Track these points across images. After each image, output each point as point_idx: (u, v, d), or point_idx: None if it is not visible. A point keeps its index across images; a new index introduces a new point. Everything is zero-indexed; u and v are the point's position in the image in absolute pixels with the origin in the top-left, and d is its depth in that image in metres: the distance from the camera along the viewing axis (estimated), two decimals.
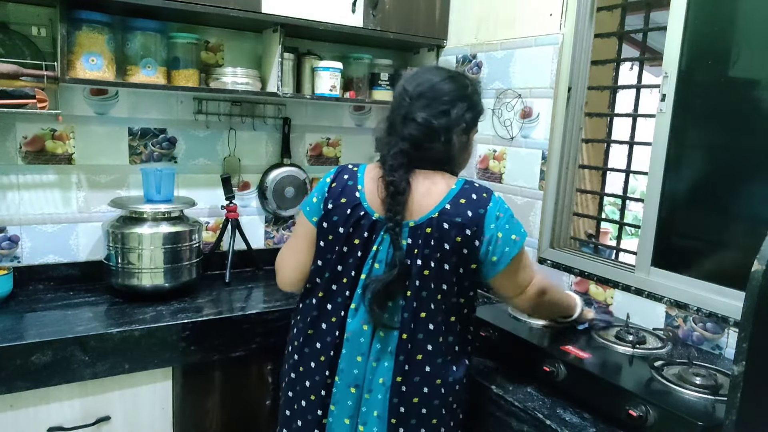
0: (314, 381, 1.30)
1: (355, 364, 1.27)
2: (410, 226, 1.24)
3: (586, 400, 1.33)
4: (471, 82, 1.36)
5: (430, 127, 1.26)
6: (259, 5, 1.93)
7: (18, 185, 1.92)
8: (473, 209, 1.24)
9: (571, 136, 1.96)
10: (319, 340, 1.31)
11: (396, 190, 1.23)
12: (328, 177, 1.35)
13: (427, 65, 1.38)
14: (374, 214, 1.27)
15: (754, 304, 0.86)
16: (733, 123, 1.58)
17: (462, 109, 1.29)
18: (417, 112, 1.27)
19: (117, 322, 1.67)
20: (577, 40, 1.91)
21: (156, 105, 2.09)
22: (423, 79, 1.31)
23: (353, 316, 1.27)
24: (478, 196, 1.27)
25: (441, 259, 1.23)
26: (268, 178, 2.31)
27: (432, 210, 1.24)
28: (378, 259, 1.26)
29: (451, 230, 1.23)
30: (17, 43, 1.81)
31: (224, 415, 1.85)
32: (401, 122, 1.29)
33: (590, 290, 1.87)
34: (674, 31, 1.65)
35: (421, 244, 1.23)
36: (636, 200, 2.12)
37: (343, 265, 1.29)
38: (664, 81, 1.67)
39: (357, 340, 1.27)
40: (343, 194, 1.30)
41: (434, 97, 1.28)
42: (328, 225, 1.30)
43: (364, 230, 1.26)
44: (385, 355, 1.26)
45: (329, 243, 1.30)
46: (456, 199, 1.25)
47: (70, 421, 1.59)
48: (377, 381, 1.26)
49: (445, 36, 2.36)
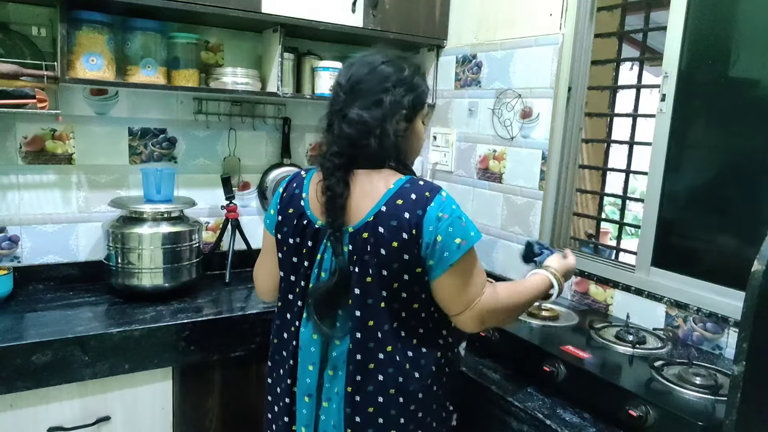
0: (281, 388, 1.29)
1: (307, 373, 1.24)
2: (350, 232, 1.17)
3: (586, 400, 1.33)
4: (410, 63, 1.25)
5: (363, 123, 1.17)
6: (259, 5, 1.93)
7: (18, 185, 1.92)
8: (411, 210, 1.14)
9: (571, 136, 1.96)
10: (284, 349, 1.29)
11: (333, 194, 1.16)
12: (281, 187, 1.31)
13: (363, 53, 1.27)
14: (317, 221, 1.21)
15: (754, 304, 0.86)
16: (733, 123, 1.58)
17: (398, 95, 1.19)
18: (351, 107, 1.18)
19: (117, 322, 1.67)
20: (577, 40, 1.91)
21: (156, 105, 2.09)
22: (356, 67, 1.22)
23: (305, 325, 1.24)
24: (419, 196, 1.15)
25: (379, 265, 1.15)
26: (268, 178, 2.31)
27: (368, 213, 1.16)
28: (323, 268, 1.21)
29: (387, 234, 1.13)
30: (17, 43, 1.81)
31: (224, 415, 1.85)
32: (337, 120, 1.20)
33: (590, 290, 1.87)
34: (674, 31, 1.65)
35: (359, 250, 1.16)
36: (636, 200, 2.12)
37: (295, 275, 1.26)
38: (664, 81, 1.67)
39: (308, 349, 1.24)
40: (291, 203, 1.26)
41: (368, 88, 1.19)
42: (281, 236, 1.27)
43: (308, 239, 1.22)
44: (340, 364, 1.21)
45: (285, 253, 1.28)
46: (393, 201, 1.15)
47: (70, 421, 1.59)
48: (333, 390, 1.22)
49: (445, 36, 2.36)
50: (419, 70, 1.27)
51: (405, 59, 1.26)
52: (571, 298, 1.93)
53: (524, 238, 2.04)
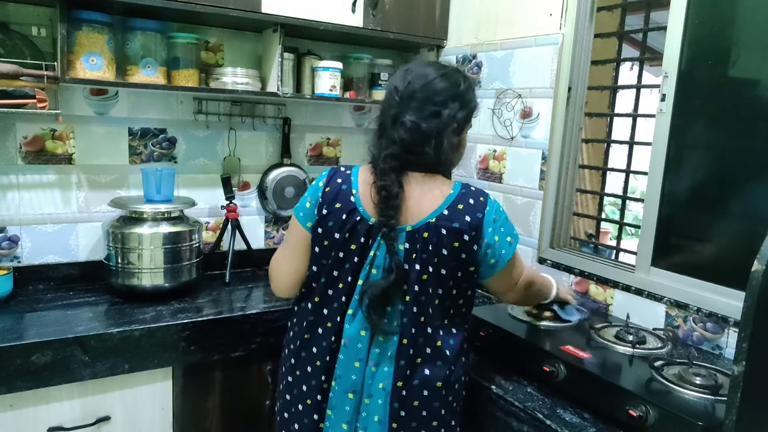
0: (310, 385, 1.29)
1: (353, 369, 1.25)
2: (407, 231, 1.22)
3: (586, 400, 1.33)
4: (465, 78, 1.31)
5: (420, 131, 1.23)
6: (259, 5, 1.93)
7: (18, 185, 1.92)
8: (471, 214, 1.23)
9: (571, 136, 1.96)
10: (315, 345, 1.29)
11: (388, 194, 1.20)
12: (320, 181, 1.32)
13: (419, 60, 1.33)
14: (370, 218, 1.24)
15: (754, 304, 0.86)
16: (732, 123, 1.58)
17: (454, 110, 1.25)
18: (406, 114, 1.24)
19: (117, 322, 1.67)
20: (577, 40, 1.91)
21: (156, 105, 2.09)
22: (414, 77, 1.27)
23: (350, 321, 1.26)
24: (475, 201, 1.25)
25: (439, 264, 1.22)
26: (268, 178, 2.31)
27: (429, 215, 1.22)
28: (375, 265, 1.24)
29: (449, 235, 1.21)
30: (17, 43, 1.81)
31: (224, 415, 1.85)
32: (391, 124, 1.26)
33: (590, 290, 1.87)
34: (674, 31, 1.65)
35: (418, 248, 1.21)
36: (636, 200, 2.12)
37: (339, 270, 1.27)
38: (664, 81, 1.67)
39: (354, 345, 1.25)
40: (338, 199, 1.27)
41: (425, 97, 1.24)
42: (323, 230, 1.28)
43: (361, 235, 1.24)
44: (385, 360, 1.24)
45: (324, 248, 1.28)
46: (454, 204, 1.24)
47: (70, 421, 1.59)
48: (377, 386, 1.24)
49: (445, 36, 2.36)
50: (472, 85, 1.33)
51: (460, 73, 1.31)
52: None
53: (525, 238, 2.04)
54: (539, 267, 2.00)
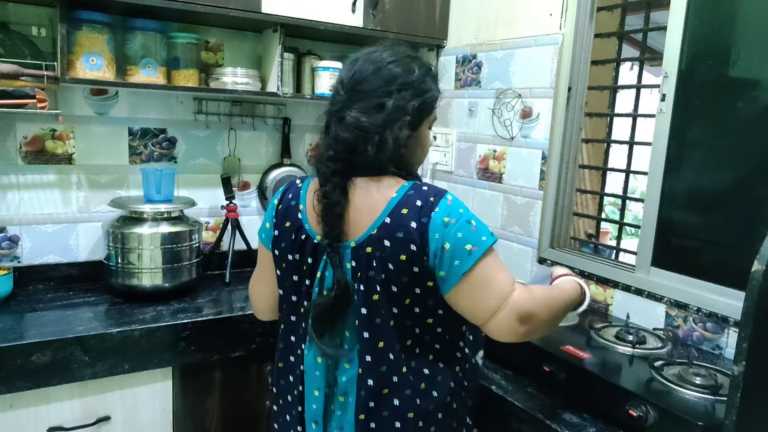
0: (291, 415, 1.21)
1: (313, 398, 1.15)
2: (352, 247, 1.07)
3: (586, 400, 1.33)
4: (421, 64, 1.15)
5: (360, 128, 1.07)
6: (259, 5, 1.93)
7: (18, 185, 1.92)
8: (416, 219, 1.04)
9: (571, 136, 1.96)
10: (290, 374, 1.20)
11: (329, 201, 1.06)
12: (276, 198, 1.21)
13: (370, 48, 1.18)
14: (315, 236, 1.12)
15: (754, 304, 0.86)
16: (732, 123, 1.58)
17: (403, 100, 1.09)
18: (349, 109, 1.09)
19: (117, 322, 1.67)
20: (577, 40, 1.90)
21: (156, 105, 2.09)
22: (360, 65, 1.11)
23: (309, 348, 1.15)
24: (424, 202, 1.06)
25: (387, 281, 1.05)
26: (268, 178, 2.31)
27: (371, 226, 1.06)
28: (325, 286, 1.11)
29: (394, 247, 1.04)
30: (17, 43, 1.81)
31: (224, 415, 1.84)
32: (335, 121, 1.11)
33: (590, 290, 1.87)
34: (674, 31, 1.65)
35: (363, 266, 1.06)
36: (636, 200, 2.12)
37: (296, 295, 1.17)
38: (664, 81, 1.67)
39: (312, 373, 1.15)
40: (287, 216, 1.16)
41: (370, 89, 1.09)
42: (279, 252, 1.18)
43: (308, 255, 1.13)
44: (350, 390, 1.11)
45: (284, 270, 1.18)
46: (397, 210, 1.06)
47: (70, 421, 1.59)
48: (345, 418, 1.12)
49: (445, 36, 2.36)
50: (430, 71, 1.17)
51: (415, 58, 1.16)
52: None
53: (524, 238, 2.04)
54: (539, 267, 2.00)
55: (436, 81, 1.18)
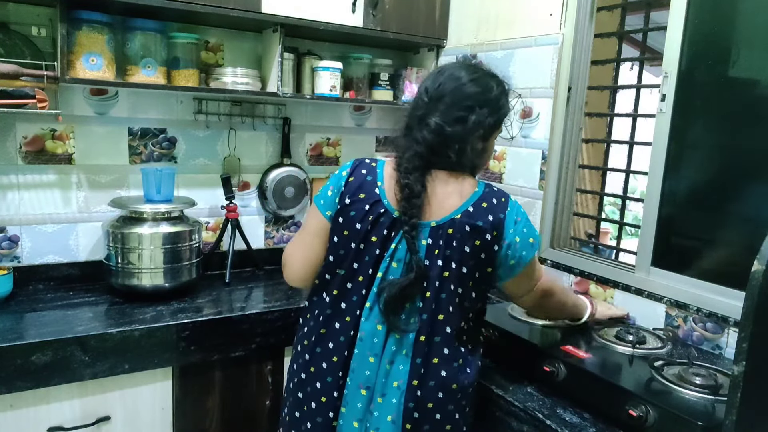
0: (326, 382, 1.25)
1: (367, 364, 1.22)
2: (431, 226, 1.21)
3: (586, 400, 1.33)
4: (498, 82, 1.29)
5: (444, 134, 1.22)
6: (259, 5, 1.93)
7: (18, 185, 1.92)
8: (493, 214, 1.22)
9: (571, 136, 1.96)
10: (332, 340, 1.26)
11: (411, 192, 1.19)
12: (344, 170, 1.30)
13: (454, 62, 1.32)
14: (394, 211, 1.22)
15: (754, 304, 0.86)
16: (732, 123, 1.58)
17: (482, 116, 1.23)
18: (432, 115, 1.23)
19: (117, 322, 1.67)
20: (577, 40, 1.91)
21: (156, 105, 2.10)
22: (445, 78, 1.26)
23: (367, 315, 1.23)
24: (498, 201, 1.25)
25: (461, 262, 1.21)
26: (268, 178, 2.31)
27: (454, 211, 1.22)
28: (396, 258, 1.22)
29: (472, 233, 1.21)
30: (17, 43, 1.81)
31: (224, 415, 1.85)
32: (417, 124, 1.25)
33: (590, 290, 1.87)
34: (674, 31, 1.65)
35: (442, 245, 1.20)
36: (636, 200, 2.12)
37: (359, 263, 1.24)
38: (664, 81, 1.67)
39: (370, 340, 1.22)
40: (362, 189, 1.25)
41: (453, 101, 1.23)
42: (344, 220, 1.25)
43: (384, 228, 1.22)
44: (400, 358, 1.21)
45: (344, 239, 1.25)
46: (479, 203, 1.23)
47: (70, 421, 1.59)
48: (391, 384, 1.21)
49: (445, 36, 2.36)
50: (506, 90, 1.30)
51: (494, 77, 1.29)
52: None
53: None
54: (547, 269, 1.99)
55: (508, 97, 1.32)
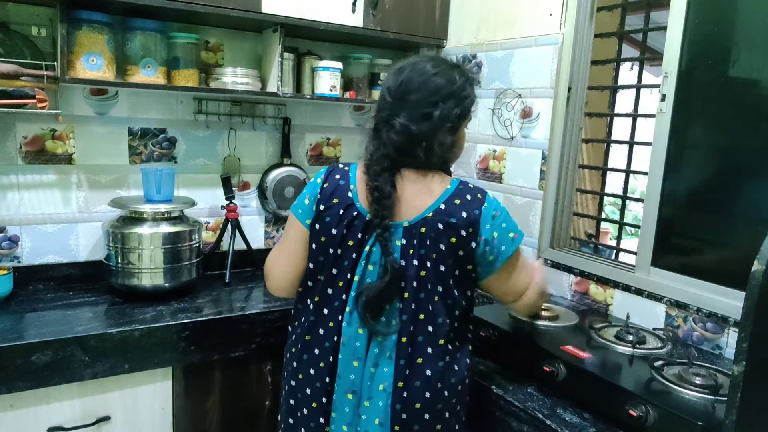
0: (315, 388, 1.27)
1: (351, 369, 1.23)
2: (404, 226, 1.21)
3: (586, 400, 1.33)
4: (461, 73, 1.27)
5: (409, 134, 1.21)
6: (259, 5, 1.93)
7: (18, 185, 1.92)
8: (468, 210, 1.22)
9: (571, 136, 1.96)
10: (317, 346, 1.27)
11: (381, 194, 1.19)
12: (318, 177, 1.31)
13: (414, 57, 1.29)
14: (366, 213, 1.22)
15: (754, 304, 0.86)
16: (733, 123, 1.58)
17: (447, 109, 1.22)
18: (397, 116, 1.22)
19: (117, 322, 1.67)
20: (577, 40, 1.91)
21: (156, 105, 2.09)
22: (406, 75, 1.24)
23: (348, 320, 1.23)
24: (473, 197, 1.24)
25: (437, 260, 1.21)
26: (268, 178, 2.31)
27: (426, 210, 1.22)
28: (372, 261, 1.22)
29: (446, 230, 1.20)
30: (17, 43, 1.81)
31: (224, 415, 1.84)
32: (383, 125, 1.25)
33: (590, 290, 1.87)
34: (674, 31, 1.65)
35: (416, 244, 1.20)
36: (636, 200, 2.11)
37: (338, 268, 1.25)
38: (664, 81, 1.67)
39: (353, 344, 1.23)
40: (335, 194, 1.26)
41: (417, 99, 1.22)
42: (321, 226, 1.26)
43: (358, 231, 1.23)
44: (384, 360, 1.22)
45: (322, 245, 1.26)
46: (451, 200, 1.23)
47: (70, 421, 1.59)
48: (377, 387, 1.22)
49: (445, 36, 2.36)
50: (469, 78, 1.29)
51: (456, 67, 1.28)
52: (570, 298, 1.93)
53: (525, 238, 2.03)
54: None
55: (473, 86, 1.30)
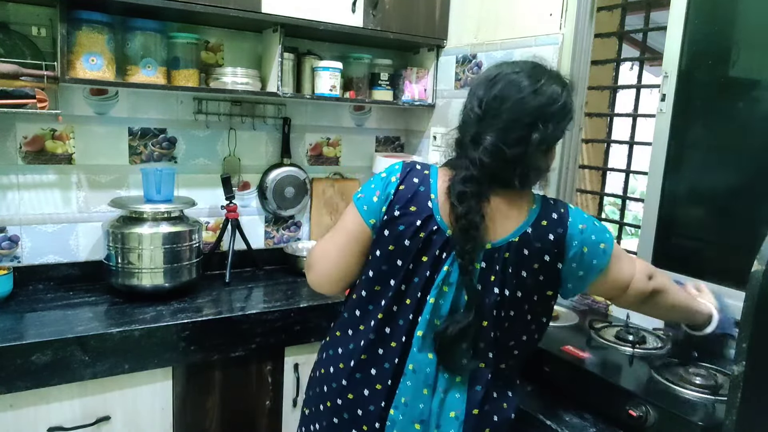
0: (368, 410, 1.15)
1: (421, 397, 1.12)
2: (486, 249, 1.09)
3: (586, 400, 1.33)
4: (563, 85, 1.12)
5: (502, 157, 1.07)
6: (259, 5, 1.93)
7: (18, 185, 1.92)
8: (554, 231, 1.11)
9: (571, 136, 1.96)
10: (375, 367, 1.15)
11: (468, 224, 1.06)
12: (393, 175, 1.16)
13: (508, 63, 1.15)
14: (447, 229, 1.10)
15: (754, 304, 0.86)
16: (732, 123, 1.58)
17: (545, 132, 1.08)
18: (487, 134, 1.08)
19: (117, 322, 1.67)
20: (577, 40, 1.90)
21: (156, 105, 2.09)
22: (501, 88, 1.09)
23: (419, 345, 1.12)
24: (558, 214, 1.13)
25: (516, 286, 1.11)
26: (268, 178, 2.31)
27: (512, 233, 1.10)
28: (448, 282, 1.11)
29: (531, 256, 1.10)
30: (17, 43, 1.81)
31: (224, 415, 1.84)
32: (470, 141, 1.11)
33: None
34: (674, 31, 1.65)
35: (498, 270, 1.10)
36: (636, 200, 2.11)
37: (407, 284, 1.13)
38: (664, 81, 1.67)
39: (423, 371, 1.12)
40: (414, 201, 1.12)
41: (513, 118, 1.08)
42: (391, 234, 1.12)
43: (436, 247, 1.10)
44: (455, 386, 1.13)
45: (388, 254, 1.13)
46: (538, 222, 1.11)
47: (70, 421, 1.59)
48: (447, 415, 1.12)
49: (445, 36, 2.36)
50: (570, 92, 1.14)
51: (557, 79, 1.13)
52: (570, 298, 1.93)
53: None
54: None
55: (572, 100, 1.16)
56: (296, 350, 1.92)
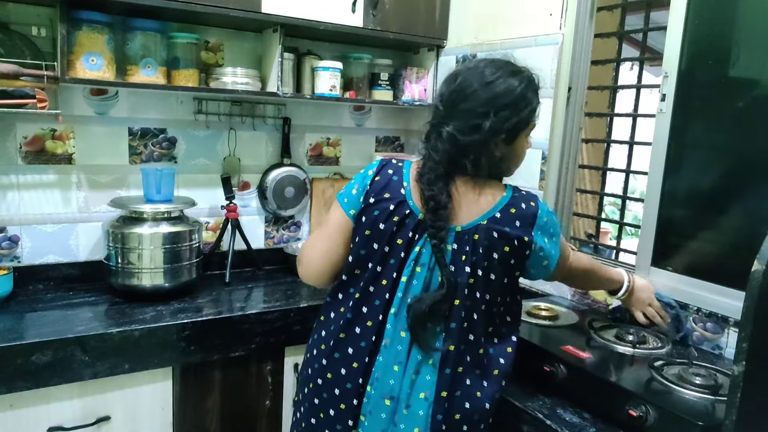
0: (345, 388, 1.21)
1: (392, 373, 1.18)
2: (456, 231, 1.17)
3: (586, 400, 1.33)
4: (521, 79, 1.20)
5: (456, 145, 1.17)
6: (259, 5, 1.93)
7: (18, 185, 1.92)
8: (522, 219, 1.19)
9: (571, 136, 1.96)
10: (352, 345, 1.21)
11: (437, 204, 1.15)
12: (370, 170, 1.27)
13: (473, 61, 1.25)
14: (419, 213, 1.19)
15: (754, 304, 0.86)
16: (732, 123, 1.58)
17: (501, 119, 1.16)
18: (446, 124, 1.19)
19: (117, 322, 1.67)
20: (577, 40, 1.90)
21: (156, 105, 2.10)
22: (460, 83, 1.20)
23: (393, 321, 1.18)
24: (527, 205, 1.21)
25: (488, 268, 1.17)
26: (268, 178, 2.31)
27: (480, 217, 1.18)
28: (420, 262, 1.18)
29: (500, 239, 1.17)
30: (17, 43, 1.81)
31: (224, 415, 1.85)
32: (433, 132, 1.22)
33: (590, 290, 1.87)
34: (674, 31, 1.65)
35: (468, 251, 1.17)
36: (636, 200, 2.11)
37: (382, 266, 1.20)
38: (664, 81, 1.67)
39: (395, 347, 1.18)
40: (387, 189, 1.22)
41: (468, 109, 1.17)
42: (367, 220, 1.21)
43: (409, 230, 1.18)
44: (427, 367, 1.17)
45: (365, 239, 1.21)
46: (507, 208, 1.19)
47: (70, 421, 1.59)
48: (417, 395, 1.17)
49: (445, 36, 2.36)
50: (532, 83, 1.22)
51: (517, 72, 1.21)
52: (570, 298, 1.93)
53: None
54: None
55: (536, 92, 1.24)
56: (296, 350, 1.92)
